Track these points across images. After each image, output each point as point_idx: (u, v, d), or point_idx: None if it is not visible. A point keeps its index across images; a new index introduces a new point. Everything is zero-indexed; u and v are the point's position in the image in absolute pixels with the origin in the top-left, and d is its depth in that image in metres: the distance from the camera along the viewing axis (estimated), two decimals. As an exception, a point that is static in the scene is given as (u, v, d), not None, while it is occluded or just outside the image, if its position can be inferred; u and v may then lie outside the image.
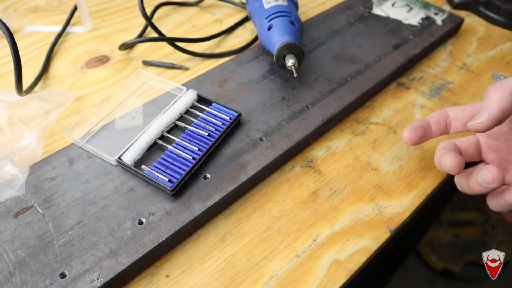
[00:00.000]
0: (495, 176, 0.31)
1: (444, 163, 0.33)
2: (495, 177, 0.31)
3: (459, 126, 0.38)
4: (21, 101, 0.42)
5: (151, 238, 0.32)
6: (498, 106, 0.31)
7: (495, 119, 0.31)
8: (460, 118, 0.37)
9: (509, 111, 0.31)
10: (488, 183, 0.31)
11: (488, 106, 0.32)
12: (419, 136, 0.37)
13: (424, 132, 0.37)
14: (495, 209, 0.35)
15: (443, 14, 0.57)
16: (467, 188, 0.35)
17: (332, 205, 0.37)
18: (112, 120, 0.41)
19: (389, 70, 0.48)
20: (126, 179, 0.36)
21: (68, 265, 0.30)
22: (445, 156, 0.34)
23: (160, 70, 0.50)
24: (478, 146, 0.38)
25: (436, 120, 0.38)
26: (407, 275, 0.74)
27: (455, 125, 0.38)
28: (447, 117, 0.38)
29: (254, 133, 0.40)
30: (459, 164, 0.33)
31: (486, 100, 0.32)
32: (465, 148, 0.37)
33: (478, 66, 0.53)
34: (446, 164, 0.33)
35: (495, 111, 0.31)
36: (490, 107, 0.31)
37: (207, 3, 0.62)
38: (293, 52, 0.42)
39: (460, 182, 0.36)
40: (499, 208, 0.34)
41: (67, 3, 0.60)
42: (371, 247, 0.34)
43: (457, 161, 0.33)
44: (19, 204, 0.33)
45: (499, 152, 0.37)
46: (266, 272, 0.33)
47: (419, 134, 0.37)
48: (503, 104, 0.31)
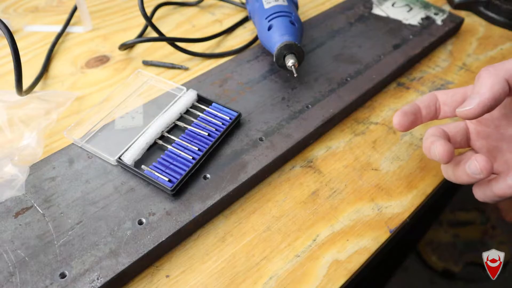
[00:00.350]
0: (483, 166, 0.29)
1: (434, 152, 0.32)
2: (483, 167, 0.29)
3: (449, 111, 0.36)
4: (21, 101, 0.42)
5: (151, 238, 0.32)
6: (490, 92, 0.29)
7: (486, 106, 0.29)
8: (450, 102, 0.36)
9: (501, 98, 0.29)
10: (476, 173, 0.30)
11: (479, 91, 0.30)
12: (409, 122, 0.35)
13: (415, 117, 0.35)
14: (481, 199, 0.33)
15: (443, 14, 0.57)
16: (453, 177, 0.33)
17: (332, 205, 0.37)
18: (112, 120, 0.41)
19: (389, 70, 0.48)
20: (126, 179, 0.36)
21: (68, 265, 0.30)
22: (434, 144, 0.32)
23: (160, 70, 0.50)
24: (466, 132, 0.36)
25: (426, 105, 0.36)
26: (407, 275, 0.74)
27: (445, 110, 0.36)
28: (437, 101, 0.36)
29: (254, 133, 0.40)
30: (449, 153, 0.31)
31: (477, 84, 0.30)
32: (453, 135, 0.36)
33: (478, 66, 0.53)
34: (436, 152, 0.31)
35: (486, 97, 0.29)
36: (481, 92, 0.29)
37: (207, 3, 0.62)
38: (293, 52, 0.42)
39: (446, 171, 0.34)
40: (485, 199, 0.33)
41: (67, 3, 0.60)
42: (371, 247, 0.34)
43: (447, 149, 0.31)
44: (19, 204, 0.34)
45: (488, 139, 0.35)
46: (266, 272, 0.33)
47: (409, 119, 0.35)
48: (495, 90, 0.29)
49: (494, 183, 0.31)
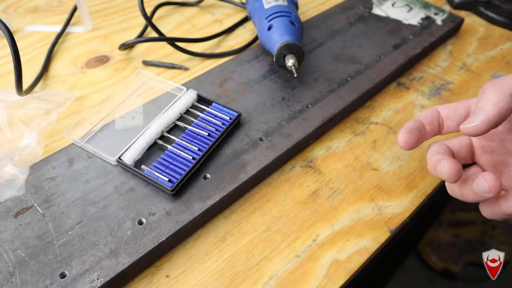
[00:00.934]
0: (492, 185, 0.28)
1: (441, 170, 0.30)
2: (492, 186, 0.28)
3: (452, 126, 0.35)
4: (21, 101, 0.42)
5: (151, 238, 0.32)
6: (495, 109, 0.28)
7: (491, 122, 0.28)
8: (453, 117, 0.34)
9: (506, 114, 0.28)
10: (485, 192, 0.28)
11: (484, 107, 0.29)
12: (416, 139, 0.33)
13: (420, 134, 0.34)
14: (489, 217, 0.32)
15: (443, 14, 0.57)
16: (459, 195, 0.32)
17: (332, 205, 0.37)
18: (112, 120, 0.41)
19: (389, 70, 0.48)
20: (126, 179, 0.36)
21: (68, 265, 0.30)
22: (441, 163, 0.30)
23: (160, 70, 0.50)
24: (471, 147, 0.35)
25: (429, 120, 0.34)
26: (407, 275, 0.74)
27: (448, 125, 0.35)
28: (439, 116, 0.35)
29: (254, 133, 0.40)
30: (457, 171, 0.29)
31: (482, 100, 0.29)
32: (457, 150, 0.34)
33: (478, 66, 0.53)
34: (444, 171, 0.29)
35: (492, 114, 0.28)
36: (486, 109, 0.29)
37: (207, 3, 0.62)
38: (293, 52, 0.42)
39: (452, 188, 0.33)
40: (494, 217, 0.31)
41: (67, 3, 0.60)
42: (371, 247, 0.34)
43: (455, 168, 0.29)
44: (19, 204, 0.33)
45: (494, 154, 0.34)
46: (266, 272, 0.33)
47: (416, 137, 0.33)
48: (500, 106, 0.28)
49: (502, 201, 0.30)
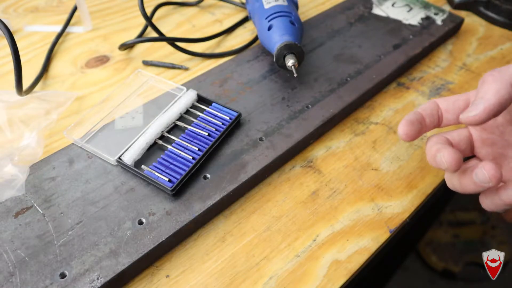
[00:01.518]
0: (492, 175, 0.28)
1: (441, 160, 0.29)
2: (492, 175, 0.28)
3: (451, 119, 0.34)
4: (21, 101, 0.42)
5: (151, 238, 0.32)
6: (495, 98, 0.28)
7: (491, 111, 0.28)
8: (452, 109, 0.34)
9: (507, 103, 0.28)
10: (485, 182, 0.28)
11: (484, 97, 0.28)
12: (416, 131, 0.33)
13: (420, 126, 0.33)
14: (489, 209, 0.32)
15: (443, 14, 0.57)
16: (459, 186, 0.31)
17: (332, 205, 0.37)
18: (112, 120, 0.41)
19: (389, 70, 0.48)
20: (126, 179, 0.36)
21: (68, 265, 0.30)
22: (441, 152, 0.30)
23: (160, 70, 0.50)
24: (470, 140, 0.35)
25: (429, 113, 0.34)
26: (407, 275, 0.74)
27: (447, 118, 0.35)
28: (438, 109, 0.35)
29: (254, 133, 0.40)
30: (457, 160, 0.29)
31: (481, 89, 0.29)
32: (457, 142, 0.34)
33: (478, 66, 0.53)
34: (443, 160, 0.29)
35: (492, 103, 0.28)
36: (486, 98, 0.28)
37: (207, 3, 0.62)
38: (293, 52, 0.42)
39: (451, 180, 0.33)
40: (494, 208, 0.31)
41: (67, 3, 0.60)
42: (371, 247, 0.34)
43: (455, 157, 0.29)
44: (19, 204, 0.34)
45: (493, 146, 0.34)
46: (266, 272, 0.33)
47: (416, 128, 0.33)
48: (500, 95, 0.28)
49: (503, 191, 0.30)
